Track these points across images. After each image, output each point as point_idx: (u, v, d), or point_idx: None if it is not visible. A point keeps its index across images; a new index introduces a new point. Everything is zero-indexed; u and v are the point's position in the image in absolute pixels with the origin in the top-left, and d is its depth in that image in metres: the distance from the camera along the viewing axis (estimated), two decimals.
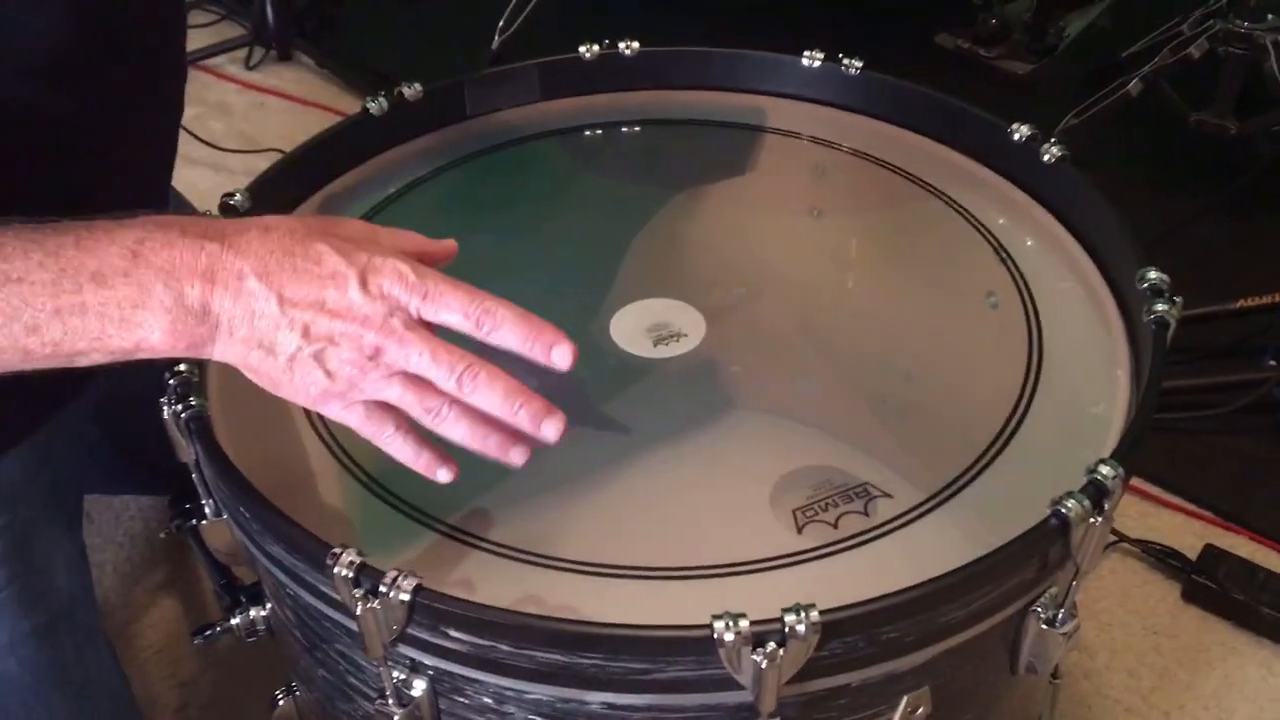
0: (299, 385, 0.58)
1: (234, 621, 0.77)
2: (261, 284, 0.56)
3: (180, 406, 0.65)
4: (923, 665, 0.59)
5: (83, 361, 0.57)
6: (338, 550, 0.57)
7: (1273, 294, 1.26)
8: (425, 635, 0.57)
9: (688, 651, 0.54)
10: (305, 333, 0.57)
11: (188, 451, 0.66)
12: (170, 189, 0.88)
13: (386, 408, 0.60)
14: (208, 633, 0.81)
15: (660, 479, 0.66)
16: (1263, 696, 0.98)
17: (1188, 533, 1.10)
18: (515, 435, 0.60)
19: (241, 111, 1.71)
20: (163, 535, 1.09)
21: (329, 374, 0.58)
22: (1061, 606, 0.63)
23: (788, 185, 0.91)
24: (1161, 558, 1.07)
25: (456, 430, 0.60)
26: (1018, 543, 0.58)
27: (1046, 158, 0.83)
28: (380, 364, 0.58)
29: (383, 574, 0.56)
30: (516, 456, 0.61)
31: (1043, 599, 0.63)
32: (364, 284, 0.57)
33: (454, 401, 0.59)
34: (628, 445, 0.68)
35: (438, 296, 0.58)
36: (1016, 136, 0.85)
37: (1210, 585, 1.04)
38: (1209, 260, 1.37)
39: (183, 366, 0.67)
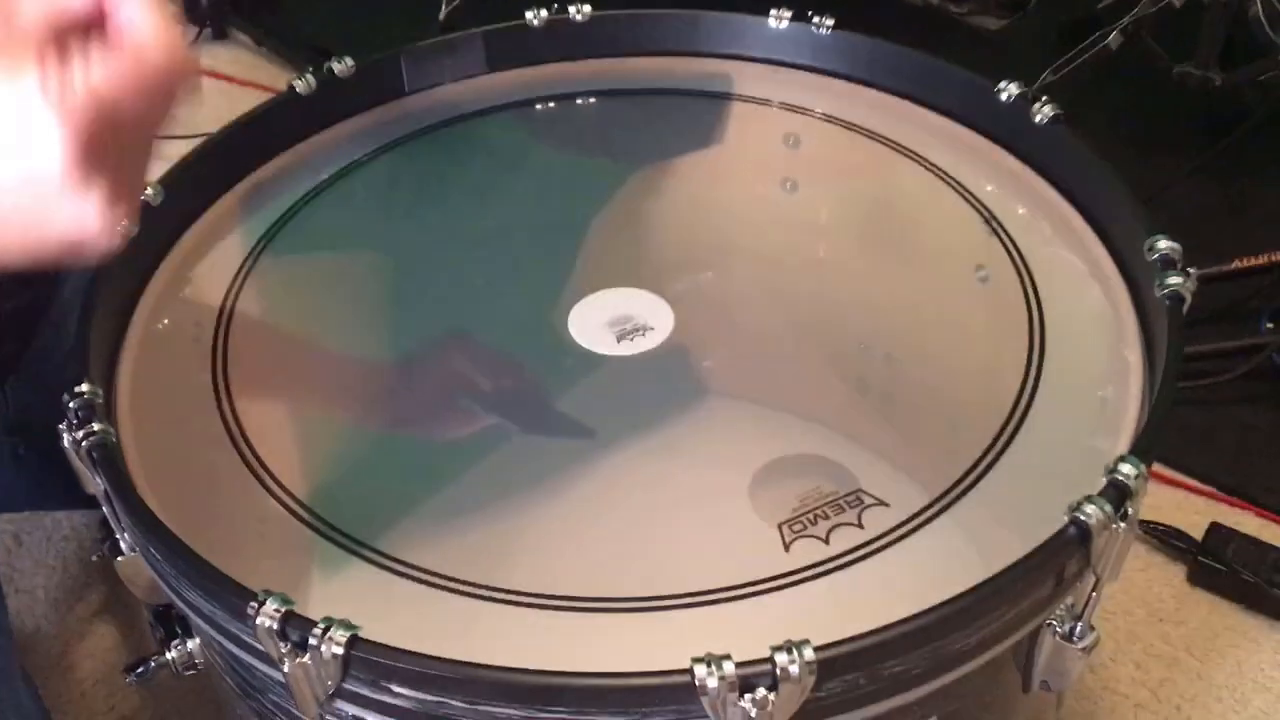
0: None
1: (170, 655, 0.70)
2: None
3: (82, 433, 0.57)
4: (928, 696, 0.53)
5: None
6: (261, 598, 0.49)
7: (1269, 253, 1.20)
8: (365, 691, 0.50)
9: (665, 701, 0.47)
10: None
11: (94, 482, 0.59)
12: None
13: None
14: (140, 670, 0.73)
15: (628, 494, 0.59)
16: (1278, 684, 0.92)
17: (1191, 510, 1.04)
18: None
19: None
20: (95, 559, 1.01)
21: None
22: (1080, 619, 0.56)
23: (758, 156, 0.84)
24: (1164, 539, 1.01)
25: None
26: (1034, 558, 0.51)
27: (1038, 118, 0.76)
28: None
29: (313, 624, 0.49)
30: None
31: (1058, 612, 0.56)
32: None
33: None
34: (590, 457, 0.61)
35: None
36: (1004, 96, 0.78)
37: (1218, 567, 0.98)
38: (1198, 220, 1.31)
39: (84, 387, 0.59)
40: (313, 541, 0.57)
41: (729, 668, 0.46)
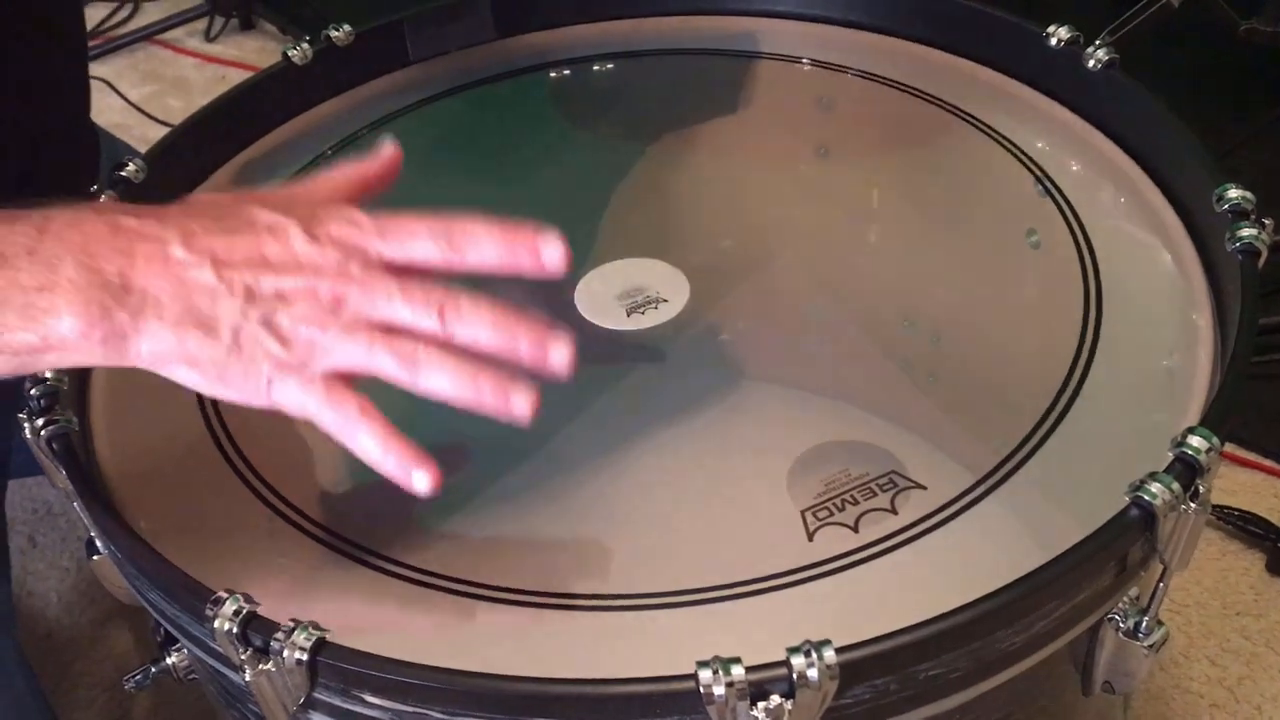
0: (249, 366, 0.47)
1: (170, 661, 0.66)
2: (189, 251, 0.47)
3: (42, 421, 0.53)
4: (972, 701, 0.47)
5: None
6: (220, 596, 0.45)
7: None
8: (338, 701, 0.45)
9: (666, 710, 0.41)
10: (249, 296, 0.47)
11: (58, 476, 0.54)
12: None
13: (348, 384, 0.48)
14: (138, 676, 0.70)
15: (627, 482, 0.54)
16: None
17: (1269, 494, 0.97)
18: (509, 377, 0.48)
19: (201, 87, 1.59)
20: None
21: (283, 340, 0.47)
22: (1145, 613, 0.50)
23: (788, 120, 0.78)
24: (1241, 525, 0.94)
25: (440, 377, 0.48)
26: (1091, 543, 0.45)
27: (1092, 64, 0.70)
28: (343, 316, 0.48)
29: (276, 627, 0.44)
30: (520, 403, 0.48)
31: (1121, 605, 0.50)
32: (309, 233, 0.49)
33: (433, 344, 0.48)
34: (589, 443, 0.55)
35: (396, 229, 0.50)
36: (1054, 41, 0.72)
37: None
38: (1268, 185, 1.22)
39: (49, 374, 0.55)
40: (295, 539, 0.52)
41: (738, 672, 0.40)
